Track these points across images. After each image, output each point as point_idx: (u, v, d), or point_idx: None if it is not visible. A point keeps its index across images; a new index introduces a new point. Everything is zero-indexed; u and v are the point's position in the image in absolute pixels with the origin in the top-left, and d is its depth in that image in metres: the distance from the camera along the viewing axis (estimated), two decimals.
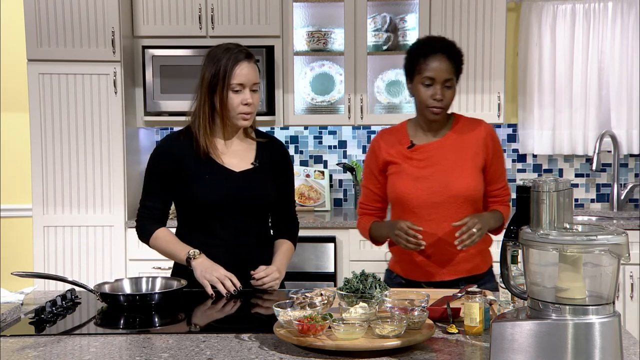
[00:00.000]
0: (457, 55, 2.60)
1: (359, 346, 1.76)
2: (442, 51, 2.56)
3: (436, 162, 2.60)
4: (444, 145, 2.62)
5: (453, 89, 2.58)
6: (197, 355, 1.80)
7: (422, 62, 2.56)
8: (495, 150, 2.64)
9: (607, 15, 4.34)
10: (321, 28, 4.34)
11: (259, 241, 2.54)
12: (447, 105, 2.58)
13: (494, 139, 2.65)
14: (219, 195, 2.45)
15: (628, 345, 1.82)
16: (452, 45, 2.62)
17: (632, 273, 3.87)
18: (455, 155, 2.60)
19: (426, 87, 2.56)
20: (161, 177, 2.52)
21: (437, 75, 2.54)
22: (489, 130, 2.66)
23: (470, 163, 2.59)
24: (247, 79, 2.44)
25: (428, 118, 2.61)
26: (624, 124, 4.38)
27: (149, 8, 4.15)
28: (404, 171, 2.63)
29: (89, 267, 4.06)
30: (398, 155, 2.65)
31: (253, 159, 2.53)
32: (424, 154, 2.63)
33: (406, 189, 2.61)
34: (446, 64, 2.54)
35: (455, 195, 2.56)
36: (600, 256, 1.59)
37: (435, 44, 2.60)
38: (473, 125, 2.66)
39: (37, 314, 2.13)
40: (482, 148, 2.61)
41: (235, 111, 2.44)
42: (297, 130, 4.60)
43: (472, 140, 2.62)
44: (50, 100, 4.03)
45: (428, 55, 2.56)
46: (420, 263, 2.62)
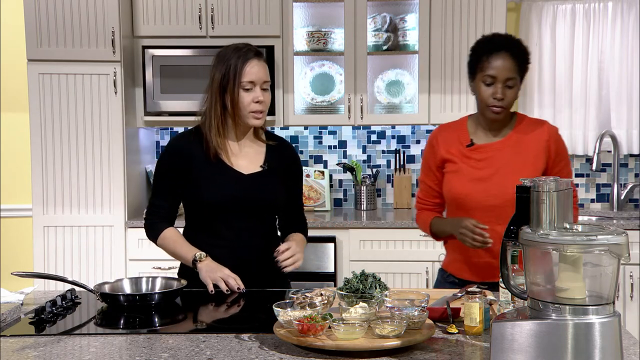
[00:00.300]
0: (522, 53, 2.53)
1: (359, 346, 1.76)
2: (506, 49, 2.49)
3: (495, 163, 2.54)
4: (505, 147, 2.56)
5: (515, 89, 2.50)
6: (197, 355, 1.80)
7: (485, 60, 2.51)
8: (559, 153, 2.57)
9: (607, 15, 4.34)
10: (321, 28, 4.34)
11: (264, 244, 2.53)
12: (508, 104, 2.51)
13: (557, 141, 2.58)
14: (226, 197, 2.45)
15: (628, 345, 1.82)
16: (517, 43, 2.55)
17: (632, 273, 3.87)
18: (515, 157, 2.54)
19: (487, 86, 2.50)
20: (170, 176, 2.51)
21: (498, 74, 2.48)
22: (552, 132, 2.59)
23: (531, 166, 2.52)
24: (258, 76, 2.43)
25: (488, 117, 2.55)
26: (624, 124, 4.38)
27: (149, 8, 4.15)
28: (461, 171, 2.58)
29: (89, 267, 4.06)
30: (456, 154, 2.60)
31: (262, 161, 2.53)
32: (483, 154, 2.57)
33: (463, 190, 2.56)
34: (509, 62, 2.48)
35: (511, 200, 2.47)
36: (600, 256, 1.59)
37: (499, 42, 2.54)
38: (536, 126, 2.59)
39: (37, 314, 2.13)
40: (543, 150, 2.55)
41: (246, 109, 2.43)
42: (297, 130, 4.60)
43: (533, 142, 2.55)
44: (50, 100, 4.03)
45: (491, 53, 2.50)
46: (474, 263, 2.57)
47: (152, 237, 2.58)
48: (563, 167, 2.58)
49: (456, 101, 4.18)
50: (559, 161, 2.57)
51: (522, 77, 2.54)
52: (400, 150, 4.56)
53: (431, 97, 4.19)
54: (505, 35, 2.63)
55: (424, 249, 3.97)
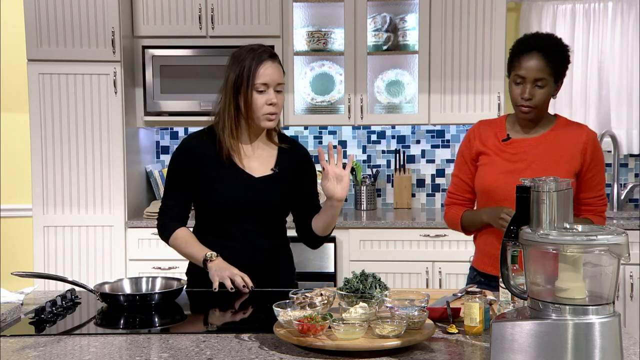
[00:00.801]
0: (557, 54, 2.51)
1: (359, 346, 1.76)
2: (538, 49, 2.48)
3: (529, 158, 2.55)
4: (540, 144, 2.57)
5: (546, 89, 2.49)
6: (197, 355, 1.80)
7: (516, 60, 2.52)
8: (594, 158, 2.56)
9: (607, 15, 4.34)
10: (321, 28, 4.34)
11: (272, 246, 2.53)
12: (538, 104, 2.50)
13: (594, 146, 2.56)
14: (235, 199, 2.44)
15: (628, 345, 1.82)
16: (552, 43, 2.53)
17: (632, 273, 3.87)
18: (550, 155, 2.54)
19: (517, 85, 2.52)
20: (182, 176, 2.50)
21: (527, 74, 2.48)
22: (592, 137, 2.57)
23: (565, 166, 2.52)
24: (271, 78, 2.42)
25: (519, 116, 2.58)
26: (624, 124, 4.38)
27: (149, 8, 4.15)
28: (494, 163, 2.59)
29: (89, 267, 4.06)
30: (492, 147, 2.62)
31: (273, 164, 2.52)
32: (517, 148, 2.58)
33: (494, 182, 2.57)
34: (539, 62, 2.47)
35: None
36: (600, 256, 1.59)
37: (532, 42, 2.53)
38: (575, 129, 2.59)
39: (37, 314, 2.13)
40: (580, 153, 2.54)
41: (259, 112, 2.42)
42: (297, 130, 4.60)
43: (571, 143, 2.55)
44: (50, 100, 4.03)
45: (523, 53, 2.51)
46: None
47: (164, 237, 2.55)
48: (596, 173, 2.57)
49: (456, 101, 4.18)
50: (593, 166, 2.56)
51: (557, 78, 2.53)
52: (400, 150, 4.56)
53: (431, 97, 4.19)
54: (544, 35, 2.61)
55: (424, 249, 3.97)
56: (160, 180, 4.44)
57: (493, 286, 2.50)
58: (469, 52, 4.13)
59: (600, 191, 2.58)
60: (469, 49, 4.13)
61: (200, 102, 4.11)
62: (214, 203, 2.45)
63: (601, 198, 2.60)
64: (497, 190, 2.56)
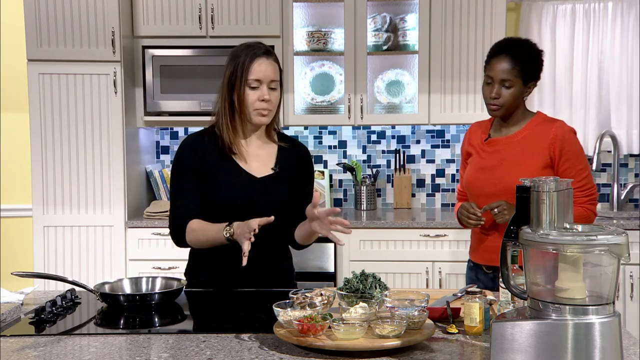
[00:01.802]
0: (526, 57, 2.67)
1: (359, 346, 1.76)
2: (507, 52, 2.66)
3: (501, 156, 2.71)
4: (513, 141, 2.71)
5: (513, 90, 2.65)
6: (197, 355, 1.80)
7: (488, 62, 2.71)
8: (565, 152, 2.65)
9: (607, 15, 4.34)
10: (321, 28, 4.34)
11: (273, 245, 2.52)
12: (505, 103, 2.67)
13: (564, 140, 2.65)
14: (237, 199, 2.42)
15: (628, 345, 1.82)
16: (521, 47, 2.70)
17: (632, 273, 3.87)
18: (520, 151, 2.68)
19: (487, 85, 2.70)
20: (187, 173, 2.46)
21: (495, 75, 2.67)
22: (561, 131, 2.67)
23: (531, 161, 2.65)
24: (264, 75, 2.41)
25: (489, 114, 2.75)
26: (624, 124, 4.38)
27: (149, 8, 4.15)
28: (474, 162, 2.80)
29: (89, 267, 4.06)
30: (476, 147, 2.81)
31: (273, 163, 2.51)
32: (494, 147, 2.75)
33: (470, 179, 2.79)
34: (507, 64, 2.64)
35: (506, 189, 2.63)
36: (600, 256, 1.59)
37: (504, 45, 2.71)
38: (546, 125, 2.70)
39: (37, 314, 2.13)
40: (547, 147, 2.65)
41: (251, 107, 2.42)
42: (297, 130, 4.60)
43: (540, 139, 2.67)
44: (50, 100, 4.03)
45: (493, 55, 2.70)
46: (480, 247, 2.78)
47: (179, 240, 2.46)
48: (570, 165, 2.65)
49: (456, 101, 4.18)
50: (566, 159, 2.65)
51: (527, 79, 2.68)
52: (400, 150, 4.56)
53: (431, 97, 4.19)
54: (516, 40, 2.81)
55: (424, 249, 3.97)
56: (160, 180, 4.43)
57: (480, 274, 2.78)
58: (469, 52, 4.13)
59: (579, 182, 2.64)
60: (469, 49, 4.13)
61: (200, 102, 4.11)
62: (215, 203, 2.44)
63: (582, 189, 2.68)
64: (472, 187, 2.79)
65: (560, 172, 2.66)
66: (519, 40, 2.78)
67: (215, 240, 2.38)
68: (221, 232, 2.33)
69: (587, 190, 2.69)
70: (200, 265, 2.53)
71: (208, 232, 2.38)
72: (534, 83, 2.71)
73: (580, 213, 2.66)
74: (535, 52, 2.72)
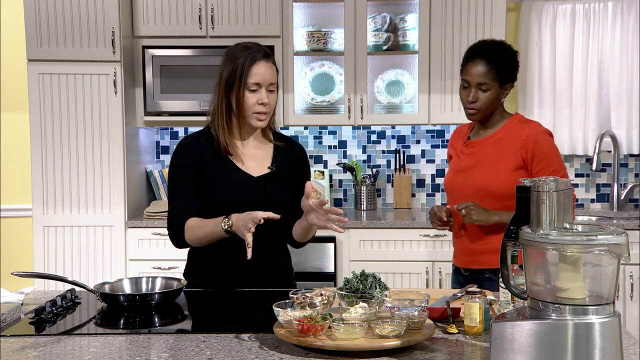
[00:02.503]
0: (501, 60, 2.67)
1: (359, 346, 1.76)
2: (482, 56, 2.66)
3: (477, 157, 2.73)
4: (488, 143, 2.73)
5: (490, 93, 2.66)
6: (197, 355, 1.80)
7: (464, 66, 2.72)
8: (538, 153, 2.64)
9: (607, 15, 4.34)
10: (321, 28, 4.34)
11: (271, 244, 2.52)
12: (482, 107, 2.67)
13: (536, 141, 2.65)
14: (234, 199, 2.42)
15: (628, 345, 1.82)
16: (496, 50, 2.70)
17: (632, 273, 3.87)
18: (494, 153, 2.69)
19: (464, 89, 2.70)
20: (185, 174, 2.46)
21: (471, 79, 2.67)
22: (533, 133, 2.67)
23: (504, 162, 2.66)
24: (264, 78, 2.41)
25: (467, 118, 2.75)
26: (624, 124, 4.38)
27: (149, 8, 4.15)
28: (454, 163, 2.83)
29: (89, 267, 4.06)
30: (457, 149, 2.84)
31: (270, 163, 2.51)
32: (471, 149, 2.77)
33: (448, 181, 2.84)
34: (482, 68, 2.65)
35: (478, 190, 2.66)
36: (600, 256, 1.59)
37: (478, 49, 2.71)
38: (520, 127, 2.70)
39: (37, 314, 2.13)
40: (520, 149, 2.65)
41: (250, 110, 2.41)
42: (297, 130, 4.60)
43: (512, 140, 2.67)
44: (50, 100, 4.03)
45: (468, 59, 2.71)
46: (457, 250, 2.80)
47: (178, 240, 2.46)
48: (544, 167, 2.64)
49: (456, 101, 4.17)
50: (538, 161, 2.64)
51: (503, 82, 2.68)
52: (400, 150, 4.56)
53: (431, 97, 4.19)
54: (491, 42, 2.79)
55: (424, 249, 3.97)
56: (160, 180, 4.44)
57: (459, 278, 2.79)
58: None
59: None
60: None
61: (200, 102, 4.11)
62: (213, 203, 2.44)
63: None
64: (450, 189, 2.83)
65: (534, 173, 2.65)
66: (494, 43, 2.77)
67: (214, 235, 2.36)
68: (219, 225, 2.32)
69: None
70: (199, 266, 2.53)
71: (206, 227, 2.38)
72: (510, 84, 2.72)
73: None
74: (510, 53, 2.72)
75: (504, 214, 2.63)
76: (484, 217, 2.63)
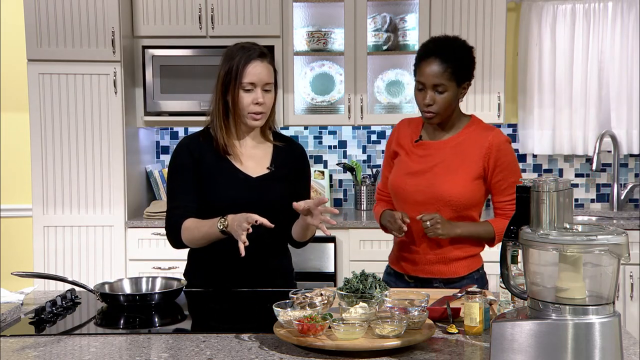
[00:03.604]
0: (457, 58, 2.49)
1: (359, 346, 1.76)
2: (435, 55, 2.47)
3: (432, 161, 2.55)
4: (445, 147, 2.56)
5: (447, 94, 2.48)
6: (197, 355, 1.80)
7: (417, 66, 2.53)
8: (500, 163, 2.51)
9: (607, 15, 4.34)
10: (321, 28, 4.34)
11: (271, 245, 2.52)
12: (440, 110, 2.49)
13: (499, 150, 2.51)
14: (234, 199, 2.42)
15: (628, 345, 1.82)
16: (451, 47, 2.51)
17: (632, 273, 3.87)
18: (454, 158, 2.53)
19: (419, 92, 2.52)
20: (183, 175, 2.46)
21: (426, 81, 2.48)
22: (497, 141, 2.51)
23: (465, 169, 2.51)
24: (259, 78, 2.41)
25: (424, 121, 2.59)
26: (624, 124, 4.38)
27: (149, 8, 4.15)
28: (403, 163, 2.61)
29: (89, 267, 4.06)
30: (405, 147, 2.63)
31: (269, 163, 2.51)
32: (425, 150, 2.58)
33: (397, 182, 2.60)
34: (437, 68, 2.46)
35: (437, 198, 2.50)
36: (600, 256, 1.59)
37: (431, 47, 2.52)
38: (483, 132, 2.55)
39: (37, 314, 2.13)
40: (482, 157, 2.51)
41: (245, 110, 2.42)
42: (297, 130, 4.60)
43: (475, 147, 2.52)
44: (50, 100, 4.03)
45: (422, 59, 2.51)
46: (403, 256, 2.63)
47: (175, 241, 2.47)
48: (503, 178, 2.52)
49: None
50: (499, 171, 2.51)
51: (460, 81, 2.50)
52: None
53: None
54: (443, 39, 2.58)
55: None
56: (160, 180, 4.43)
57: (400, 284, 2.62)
58: None
59: (511, 196, 2.41)
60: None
61: (200, 102, 4.11)
62: (212, 204, 2.44)
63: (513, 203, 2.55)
64: (400, 191, 2.59)
65: (492, 183, 2.53)
66: (447, 39, 2.57)
67: (210, 235, 2.37)
68: (215, 226, 2.32)
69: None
70: (199, 266, 2.53)
71: (202, 227, 2.38)
72: (468, 83, 2.53)
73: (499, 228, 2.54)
74: (465, 49, 2.53)
75: (465, 226, 2.51)
76: (448, 232, 2.46)
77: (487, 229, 2.55)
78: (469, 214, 2.55)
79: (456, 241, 2.54)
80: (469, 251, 2.58)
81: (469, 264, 2.59)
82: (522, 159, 4.54)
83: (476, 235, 2.55)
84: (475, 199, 2.55)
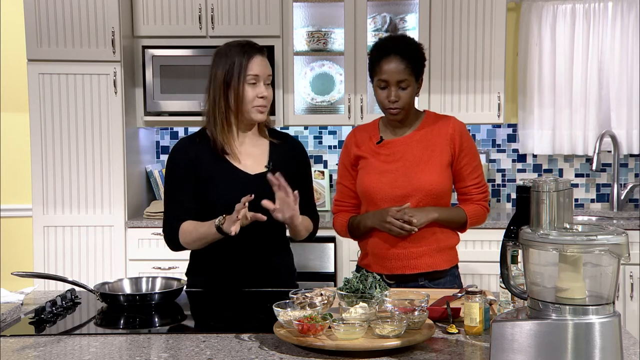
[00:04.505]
0: (413, 54, 2.58)
1: (359, 346, 1.76)
2: (395, 52, 2.55)
3: (402, 157, 2.61)
4: (411, 142, 2.63)
5: (410, 90, 2.57)
6: (197, 355, 1.80)
7: (377, 65, 2.57)
8: (464, 147, 2.61)
9: (607, 15, 4.34)
10: (321, 28, 4.34)
11: (271, 243, 2.52)
12: (404, 105, 2.57)
13: (462, 136, 2.62)
14: (232, 198, 2.41)
15: (628, 345, 1.82)
16: (407, 44, 2.59)
17: (632, 273, 3.87)
18: (422, 151, 2.61)
19: (382, 90, 2.58)
20: (181, 176, 2.47)
21: (389, 78, 2.54)
22: (457, 127, 2.63)
23: (436, 159, 2.59)
24: (262, 71, 2.45)
25: (388, 119, 2.65)
26: (624, 124, 4.38)
27: (149, 8, 4.15)
28: (371, 165, 2.65)
29: (89, 267, 4.06)
30: (367, 151, 2.67)
31: (266, 160, 2.52)
32: (390, 149, 2.64)
33: (371, 183, 2.62)
34: (399, 65, 2.53)
35: (417, 189, 2.56)
36: (600, 256, 1.59)
37: (388, 45, 2.59)
38: (442, 122, 2.65)
39: (37, 314, 2.13)
40: (448, 144, 2.60)
41: (250, 104, 2.44)
42: (297, 130, 4.60)
43: (439, 137, 2.61)
44: (50, 100, 4.03)
45: (382, 57, 2.56)
46: (383, 255, 2.61)
47: (173, 243, 2.48)
48: (468, 162, 2.63)
49: (456, 101, 4.18)
50: (464, 156, 2.62)
51: (417, 77, 2.59)
52: None
53: (431, 97, 4.19)
54: (397, 37, 2.75)
55: None
56: (160, 180, 4.43)
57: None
58: (469, 52, 4.13)
59: (476, 179, 2.65)
60: (469, 49, 4.13)
61: (200, 102, 4.11)
62: (212, 203, 2.44)
63: (478, 186, 2.67)
64: (375, 191, 2.62)
65: (458, 169, 2.62)
66: (402, 37, 2.69)
67: (207, 235, 2.38)
68: (212, 226, 2.34)
69: (482, 187, 2.67)
70: (201, 265, 2.53)
71: (200, 228, 2.40)
72: (422, 78, 2.63)
73: (477, 211, 2.65)
74: (419, 47, 2.62)
75: (440, 210, 2.57)
76: (425, 219, 2.52)
77: (460, 213, 2.65)
78: (445, 201, 2.64)
79: (433, 232, 2.59)
80: (449, 241, 2.65)
81: (451, 258, 2.66)
82: (522, 159, 4.54)
83: (450, 220, 2.63)
84: (449, 186, 2.65)
